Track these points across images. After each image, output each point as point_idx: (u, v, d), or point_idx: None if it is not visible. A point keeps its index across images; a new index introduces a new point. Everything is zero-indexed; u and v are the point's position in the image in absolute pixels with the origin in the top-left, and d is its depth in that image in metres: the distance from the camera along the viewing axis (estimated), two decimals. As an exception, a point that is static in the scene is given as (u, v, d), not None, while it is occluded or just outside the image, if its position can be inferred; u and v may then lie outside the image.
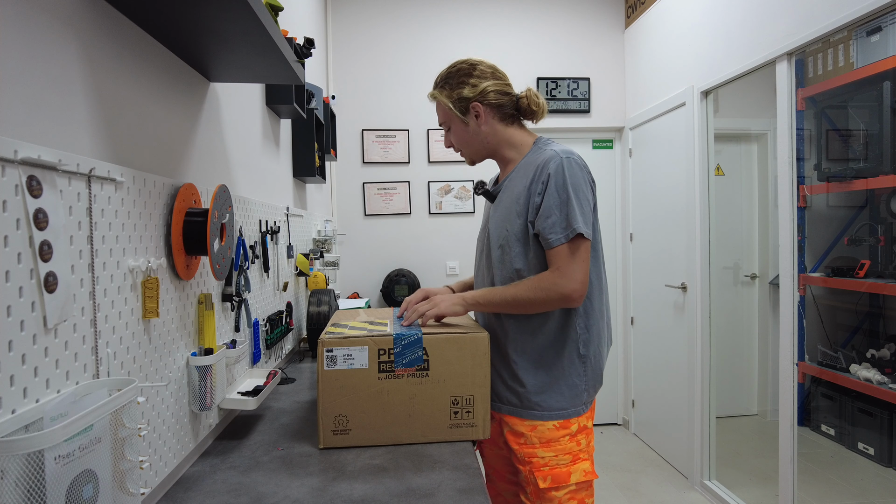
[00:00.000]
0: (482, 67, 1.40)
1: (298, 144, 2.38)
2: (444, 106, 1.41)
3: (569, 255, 1.27)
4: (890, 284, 2.36)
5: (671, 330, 3.34)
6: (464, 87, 1.39)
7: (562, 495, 1.29)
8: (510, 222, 1.35)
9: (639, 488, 3.10)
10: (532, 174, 1.32)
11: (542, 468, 1.30)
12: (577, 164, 1.30)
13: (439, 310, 1.34)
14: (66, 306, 0.75)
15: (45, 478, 0.61)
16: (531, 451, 1.31)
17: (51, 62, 0.75)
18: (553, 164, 1.29)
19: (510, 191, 1.38)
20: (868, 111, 2.51)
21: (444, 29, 3.77)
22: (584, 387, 1.35)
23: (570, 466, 1.30)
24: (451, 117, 1.41)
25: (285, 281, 2.06)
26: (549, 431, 1.31)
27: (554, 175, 1.28)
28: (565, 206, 1.27)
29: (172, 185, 1.10)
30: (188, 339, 1.19)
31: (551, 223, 1.27)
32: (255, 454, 1.25)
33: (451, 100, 1.39)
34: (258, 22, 0.98)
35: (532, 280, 1.29)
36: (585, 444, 1.34)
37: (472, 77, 1.39)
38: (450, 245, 3.81)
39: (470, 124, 1.40)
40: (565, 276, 1.26)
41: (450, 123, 1.43)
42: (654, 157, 3.57)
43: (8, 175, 0.65)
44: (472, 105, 1.38)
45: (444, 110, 1.43)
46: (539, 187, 1.30)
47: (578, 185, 1.29)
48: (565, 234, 1.26)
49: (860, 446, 2.70)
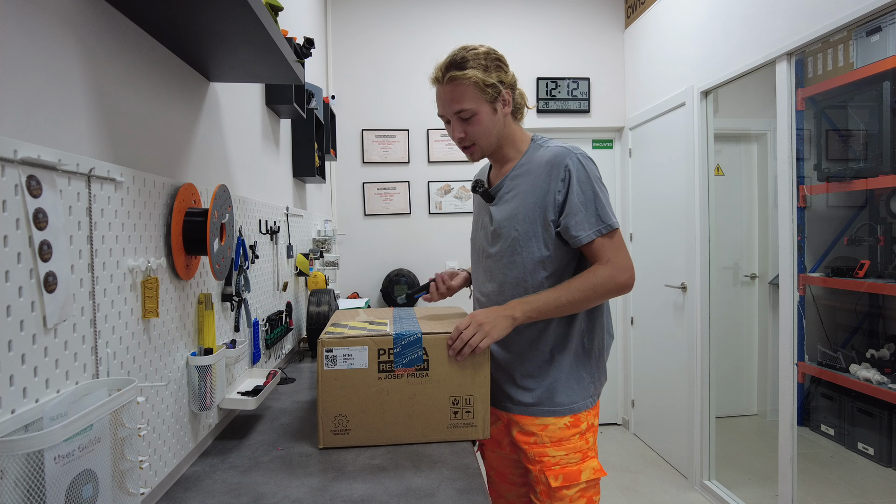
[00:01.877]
0: (500, 56, 1.34)
1: (298, 144, 2.38)
2: (475, 86, 1.28)
3: (612, 246, 1.28)
4: (889, 284, 2.36)
5: (671, 330, 3.34)
6: (501, 71, 1.31)
7: (573, 493, 1.30)
8: (521, 222, 1.33)
9: (638, 488, 3.10)
10: (545, 172, 1.30)
11: (553, 467, 1.30)
12: (591, 161, 1.32)
13: (491, 339, 1.26)
14: (66, 306, 0.75)
15: (45, 478, 0.61)
16: (542, 451, 1.32)
17: (51, 62, 0.75)
18: (570, 161, 1.28)
19: (515, 190, 1.35)
20: (868, 111, 2.51)
21: (443, 29, 3.77)
22: (591, 379, 1.36)
23: (581, 464, 1.31)
24: (480, 102, 1.29)
25: (285, 281, 2.06)
26: (560, 430, 1.32)
27: (575, 172, 1.28)
28: (592, 201, 1.27)
29: (172, 184, 1.10)
30: (188, 339, 1.19)
31: (579, 220, 1.27)
32: (254, 454, 1.25)
33: (488, 80, 1.28)
34: (258, 22, 0.98)
35: (584, 279, 1.28)
36: (593, 441, 1.36)
37: (504, 63, 1.33)
38: (450, 245, 3.81)
39: (497, 111, 1.32)
40: (618, 266, 1.27)
41: (476, 109, 1.30)
42: (653, 158, 3.57)
43: (8, 175, 0.65)
44: (504, 91, 1.31)
45: (472, 94, 1.28)
46: (559, 185, 1.28)
47: (599, 179, 1.31)
48: (597, 228, 1.27)
49: (860, 446, 2.70)
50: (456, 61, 1.29)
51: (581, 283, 1.27)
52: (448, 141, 3.79)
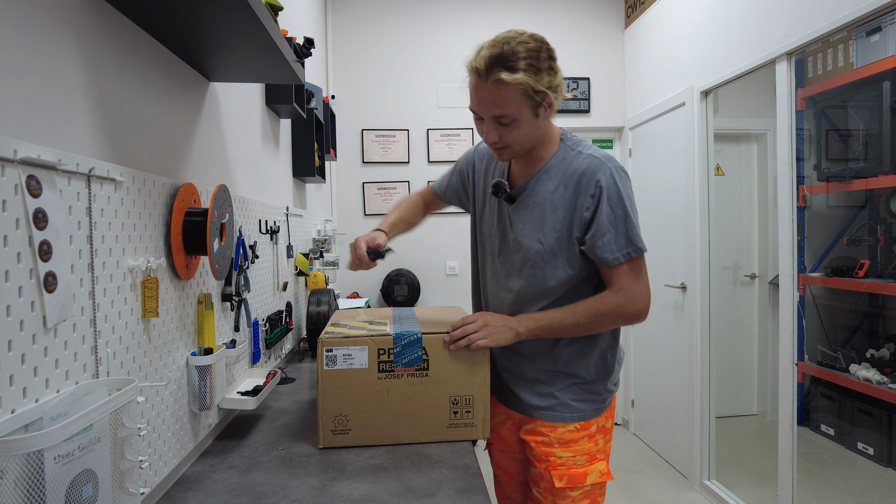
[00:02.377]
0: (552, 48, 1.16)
1: (298, 144, 2.38)
2: (523, 92, 1.11)
3: (631, 273, 1.21)
4: (889, 284, 2.36)
5: (671, 330, 3.34)
6: (553, 73, 1.14)
7: (576, 495, 1.28)
8: (547, 236, 1.25)
9: (638, 488, 3.10)
10: (573, 184, 1.21)
11: (558, 467, 1.28)
12: (625, 175, 1.23)
13: (490, 343, 1.25)
14: (66, 306, 0.75)
15: (45, 477, 0.61)
16: (549, 451, 1.30)
17: (51, 62, 0.75)
18: (603, 176, 1.19)
19: (538, 196, 1.26)
20: (868, 111, 2.51)
21: (443, 29, 3.77)
22: (607, 393, 1.35)
23: (587, 467, 1.29)
24: (523, 108, 1.14)
25: (285, 281, 2.06)
26: (569, 433, 1.29)
27: (607, 189, 1.18)
28: (622, 222, 1.19)
29: (172, 184, 1.10)
30: (188, 339, 1.19)
31: (606, 241, 1.19)
32: (254, 454, 1.25)
33: (540, 85, 1.12)
34: (258, 22, 0.98)
35: (592, 304, 1.23)
36: (603, 444, 1.33)
37: (554, 60, 1.15)
38: (450, 245, 3.81)
39: (539, 117, 1.17)
40: (631, 296, 1.21)
41: (517, 115, 1.14)
42: (653, 157, 3.57)
43: (7, 175, 0.65)
44: (548, 96, 1.14)
45: (517, 99, 1.12)
46: (588, 202, 1.20)
47: (631, 198, 1.22)
48: (625, 252, 1.19)
49: (860, 446, 2.70)
50: (505, 57, 1.10)
51: (588, 308, 1.23)
52: (448, 141, 3.79)
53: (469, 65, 1.15)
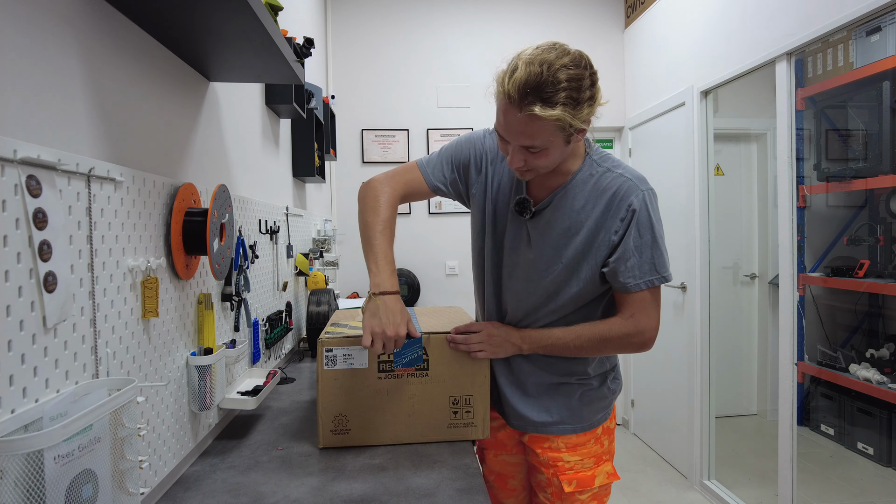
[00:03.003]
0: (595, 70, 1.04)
1: (298, 144, 2.37)
2: (558, 126, 1.00)
3: (646, 302, 1.19)
4: (889, 284, 2.36)
5: (671, 330, 3.34)
6: (593, 102, 1.03)
7: (585, 498, 1.28)
8: (565, 253, 1.19)
9: (638, 488, 3.10)
10: (603, 205, 1.15)
11: (567, 472, 1.28)
12: (656, 197, 1.19)
13: (489, 355, 1.27)
14: (66, 306, 0.75)
15: (45, 477, 0.61)
16: (556, 456, 1.29)
17: (51, 62, 0.75)
18: (636, 199, 1.14)
19: (562, 213, 1.18)
20: (867, 111, 2.51)
21: (443, 29, 3.77)
22: (611, 393, 1.35)
23: (595, 469, 1.29)
24: (556, 138, 1.03)
25: (285, 281, 2.06)
26: (576, 437, 1.30)
27: (638, 213, 1.14)
28: (649, 248, 1.15)
29: (172, 184, 1.10)
30: (188, 339, 1.19)
31: (630, 266, 1.15)
32: (254, 454, 1.25)
33: (578, 119, 1.01)
34: (258, 22, 0.98)
35: (598, 329, 1.21)
36: (608, 444, 1.34)
37: (595, 85, 1.03)
38: (450, 245, 3.81)
39: (570, 144, 1.08)
40: (640, 326, 1.19)
41: (547, 145, 1.04)
42: (653, 157, 3.57)
43: (7, 175, 0.65)
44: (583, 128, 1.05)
45: (550, 131, 1.01)
46: (617, 224, 1.15)
47: (660, 222, 1.18)
48: (647, 279, 1.17)
49: (859, 446, 2.70)
50: (542, 87, 0.97)
51: (595, 333, 1.20)
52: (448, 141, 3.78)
53: (500, 84, 1.03)
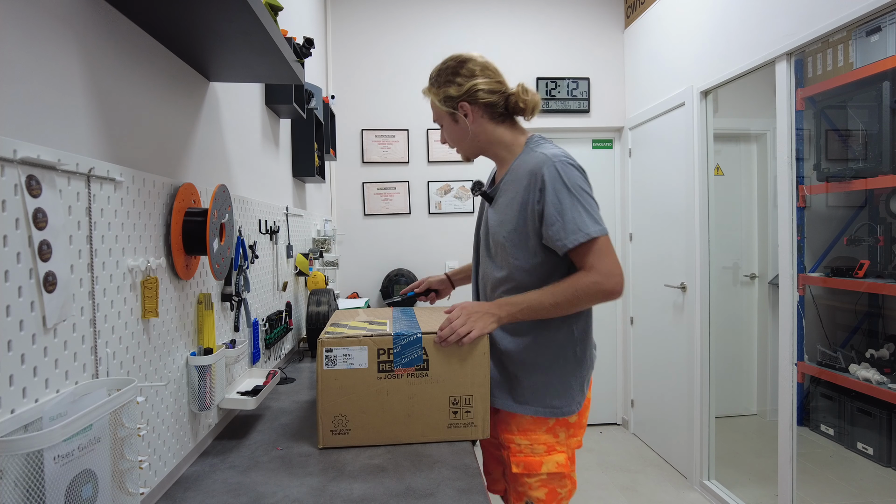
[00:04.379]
0: (471, 65, 1.38)
1: (298, 144, 2.37)
2: (436, 102, 1.41)
3: (593, 253, 1.26)
4: (889, 284, 2.36)
5: (671, 330, 3.34)
6: (451, 85, 1.38)
7: (533, 482, 1.35)
8: (505, 226, 1.36)
9: (638, 488, 3.10)
10: (526, 180, 1.31)
11: (517, 454, 1.35)
12: (571, 165, 1.30)
13: (477, 331, 1.27)
14: (66, 306, 0.75)
15: (45, 478, 0.61)
16: (510, 437, 1.37)
17: (50, 62, 0.75)
18: (547, 170, 1.28)
19: (505, 194, 1.38)
20: (867, 111, 2.51)
21: (443, 29, 3.77)
22: (579, 388, 1.38)
23: (544, 457, 1.34)
24: (442, 114, 1.42)
25: (285, 281, 2.06)
26: (527, 422, 1.35)
27: (550, 181, 1.27)
28: (569, 210, 1.25)
29: (172, 184, 1.10)
30: (187, 339, 1.19)
31: (556, 230, 1.26)
32: (254, 454, 1.25)
33: (439, 98, 1.39)
34: (258, 22, 0.98)
35: (567, 284, 1.28)
36: (565, 436, 1.36)
37: (458, 75, 1.37)
38: (449, 245, 3.81)
39: (459, 122, 1.39)
40: (602, 272, 1.25)
41: (441, 120, 1.44)
42: (653, 158, 3.57)
43: (7, 174, 0.65)
44: (459, 104, 1.37)
45: (435, 107, 1.43)
46: (537, 195, 1.28)
47: (577, 185, 1.27)
48: (573, 239, 1.25)
49: (859, 446, 2.70)
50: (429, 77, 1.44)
51: (564, 288, 1.28)
52: (448, 141, 3.79)
53: None
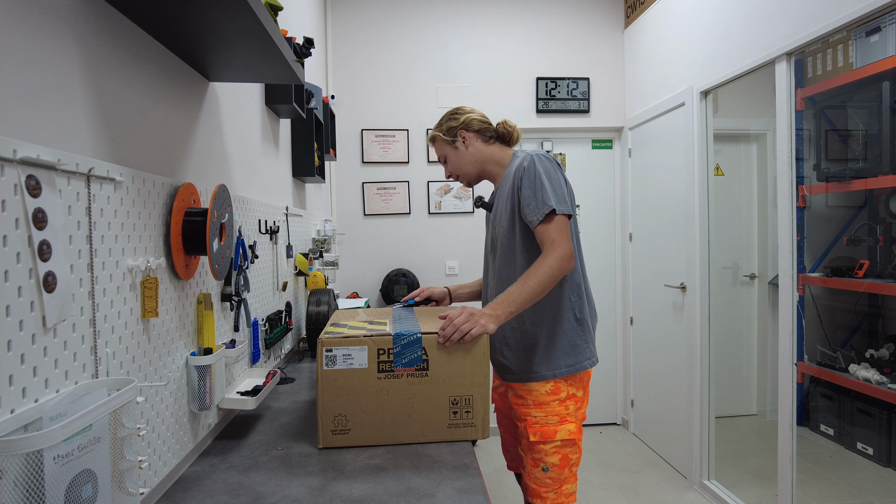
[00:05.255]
0: (465, 108, 1.72)
1: (298, 144, 2.37)
2: (439, 138, 1.71)
3: (550, 228, 1.45)
4: (889, 284, 2.36)
5: (670, 330, 3.34)
6: (452, 120, 1.70)
7: (548, 448, 1.51)
8: (504, 221, 1.58)
9: (638, 488, 3.10)
10: (512, 176, 1.57)
11: (533, 425, 1.53)
12: (545, 157, 1.53)
13: (479, 329, 1.30)
14: (65, 306, 0.75)
15: (44, 477, 0.61)
16: (527, 411, 1.54)
17: (50, 62, 0.75)
18: (525, 161, 1.53)
19: (500, 197, 1.62)
20: (867, 111, 2.51)
21: (443, 29, 3.77)
22: (585, 345, 1.57)
23: (557, 426, 1.52)
24: (445, 147, 1.71)
25: (284, 281, 2.06)
26: (542, 396, 1.53)
27: (527, 169, 1.51)
28: (540, 190, 1.47)
29: (172, 184, 1.10)
30: (187, 339, 1.19)
31: (532, 208, 1.48)
32: (254, 454, 1.25)
33: (442, 130, 1.70)
34: (258, 22, 0.98)
35: (538, 265, 1.43)
36: (574, 409, 1.55)
37: (456, 114, 1.71)
38: (449, 245, 3.81)
39: (459, 148, 1.69)
40: (555, 244, 1.43)
41: (445, 154, 1.72)
42: (653, 157, 3.57)
43: (7, 174, 0.65)
44: (458, 132, 1.68)
45: (440, 144, 1.72)
46: (518, 183, 1.53)
47: (548, 171, 1.51)
48: (538, 214, 1.46)
49: (859, 446, 2.70)
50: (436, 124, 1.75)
51: (536, 271, 1.42)
52: (448, 141, 3.79)
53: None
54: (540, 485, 1.52)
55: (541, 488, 1.52)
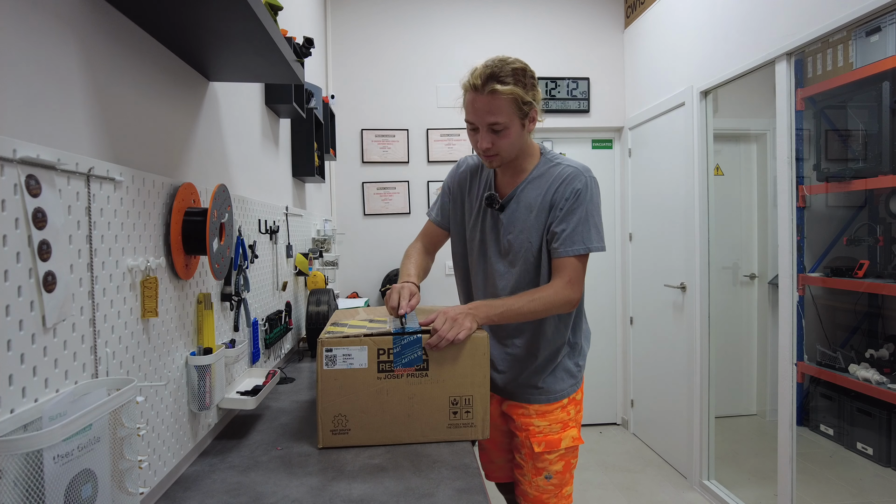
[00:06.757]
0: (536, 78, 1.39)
1: (298, 144, 2.37)
2: (513, 102, 1.32)
3: (579, 267, 1.39)
4: (889, 284, 2.36)
5: (670, 330, 3.34)
6: (534, 89, 1.36)
7: (552, 457, 1.48)
8: (532, 235, 1.43)
9: (638, 488, 3.10)
10: (554, 189, 1.41)
11: (537, 435, 1.48)
12: (597, 185, 1.42)
13: (465, 332, 1.28)
14: (65, 306, 0.75)
15: (44, 477, 0.61)
16: (528, 421, 1.50)
17: (51, 62, 0.75)
18: (579, 183, 1.39)
19: (525, 202, 1.44)
20: (867, 111, 2.51)
21: (443, 29, 3.77)
22: (577, 369, 1.54)
23: (561, 434, 1.49)
24: (513, 118, 1.34)
25: (284, 280, 2.06)
26: (544, 406, 1.50)
27: (581, 193, 1.38)
28: (585, 222, 1.37)
29: (171, 184, 1.10)
30: (187, 339, 1.19)
31: (567, 235, 1.37)
32: (254, 454, 1.25)
33: (525, 98, 1.33)
34: (258, 22, 0.98)
35: (550, 294, 1.37)
36: (574, 413, 1.53)
37: (535, 80, 1.38)
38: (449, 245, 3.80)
39: (525, 126, 1.39)
40: (574, 287, 1.37)
41: (508, 124, 1.34)
42: (653, 157, 3.57)
43: (7, 174, 0.65)
44: (533, 109, 1.37)
45: (508, 109, 1.32)
46: (563, 203, 1.39)
47: (597, 204, 1.41)
48: (576, 248, 1.36)
49: (859, 446, 2.70)
50: (497, 74, 1.30)
51: (546, 298, 1.36)
52: (447, 141, 3.79)
53: (465, 83, 1.35)
54: (542, 492, 1.49)
55: (543, 495, 1.49)
